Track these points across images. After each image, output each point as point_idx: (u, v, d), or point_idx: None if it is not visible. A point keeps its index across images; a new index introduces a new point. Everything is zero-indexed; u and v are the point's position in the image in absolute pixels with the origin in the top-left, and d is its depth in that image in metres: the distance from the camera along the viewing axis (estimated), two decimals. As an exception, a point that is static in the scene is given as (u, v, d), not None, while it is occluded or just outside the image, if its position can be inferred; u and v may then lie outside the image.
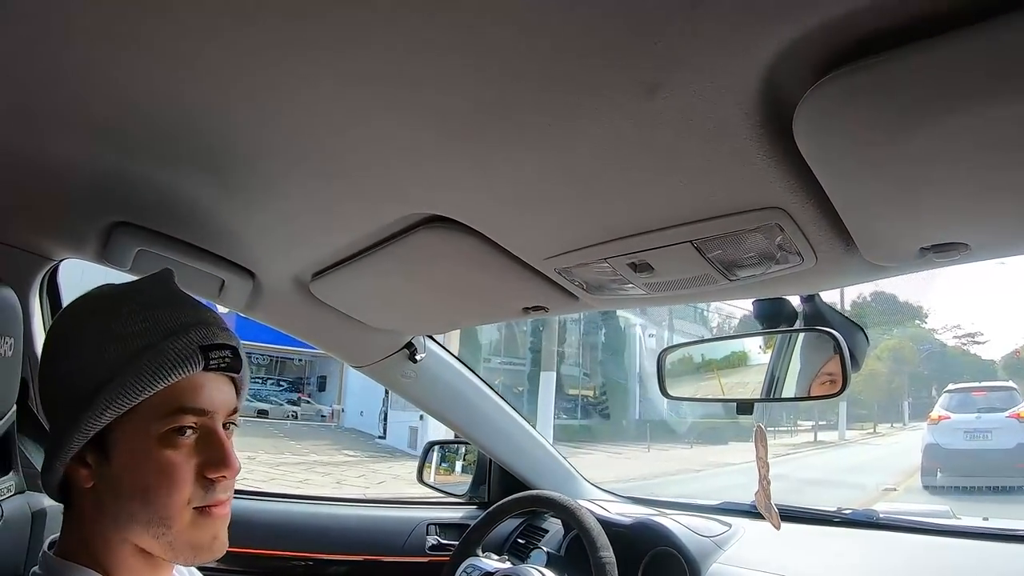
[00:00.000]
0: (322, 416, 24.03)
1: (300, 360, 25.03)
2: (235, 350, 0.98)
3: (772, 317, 1.44)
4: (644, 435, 21.88)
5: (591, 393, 25.82)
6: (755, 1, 0.59)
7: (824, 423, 27.00)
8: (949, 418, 11.99)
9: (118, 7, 0.70)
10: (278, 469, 12.30)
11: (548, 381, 15.54)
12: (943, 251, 0.95)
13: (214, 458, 0.92)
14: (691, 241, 1.02)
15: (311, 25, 0.68)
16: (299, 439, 18.44)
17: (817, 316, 1.38)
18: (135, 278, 1.04)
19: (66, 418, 0.90)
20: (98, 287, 1.01)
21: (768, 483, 1.60)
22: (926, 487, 11.28)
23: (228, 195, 1.18)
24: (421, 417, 16.41)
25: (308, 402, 25.48)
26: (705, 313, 29.10)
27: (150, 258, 1.35)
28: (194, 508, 0.91)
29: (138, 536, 0.91)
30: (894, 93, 0.64)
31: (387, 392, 19.03)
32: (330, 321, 1.74)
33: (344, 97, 0.82)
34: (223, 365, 0.95)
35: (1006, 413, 11.59)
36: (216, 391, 0.95)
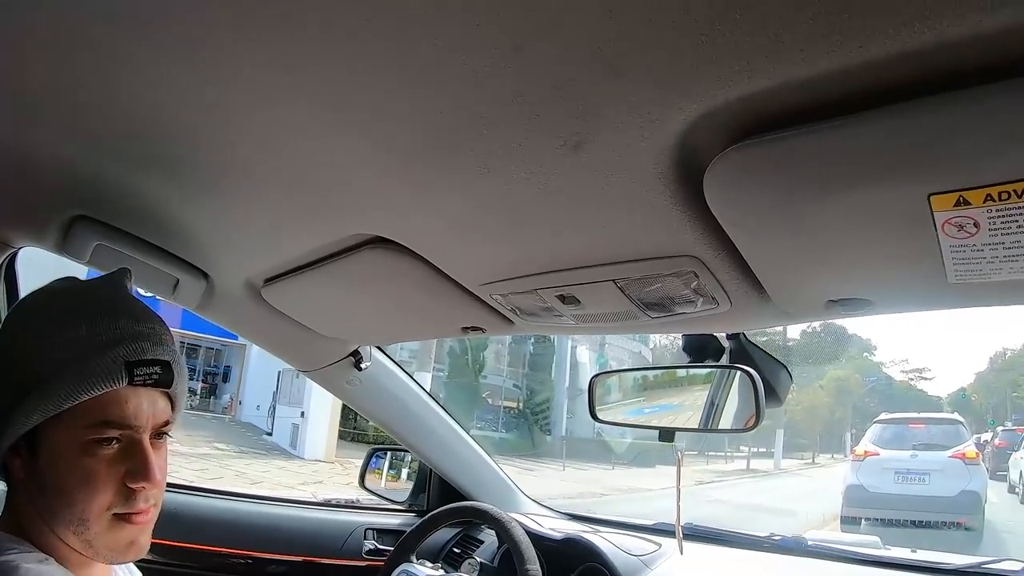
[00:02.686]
0: (223, 408, 23.18)
1: (210, 348, 23.70)
2: (167, 364, 1.00)
3: (699, 350, 1.50)
4: (568, 453, 21.57)
5: (515, 405, 25.26)
6: (671, 76, 0.65)
7: (762, 450, 27.02)
8: (878, 455, 10.22)
9: (95, 20, 0.75)
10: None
11: (421, 381, 15.44)
12: (848, 305, 1.02)
13: (135, 469, 0.94)
14: (613, 280, 1.08)
15: (273, 45, 0.72)
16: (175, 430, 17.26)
17: (741, 352, 1.45)
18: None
19: (1, 410, 0.94)
20: (59, 281, 1.05)
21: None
22: (846, 528, 9.45)
23: (188, 198, 1.20)
24: (302, 414, 16.24)
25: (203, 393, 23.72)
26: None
27: (108, 253, 1.37)
28: (114, 514, 0.94)
29: (60, 532, 0.94)
30: (795, 167, 0.70)
31: (277, 386, 18.31)
32: (279, 326, 1.77)
33: (300, 116, 0.86)
34: (150, 381, 0.97)
35: (948, 452, 9.84)
36: (143, 405, 0.97)
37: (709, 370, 1.55)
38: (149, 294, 1.55)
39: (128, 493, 0.94)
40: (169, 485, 1.04)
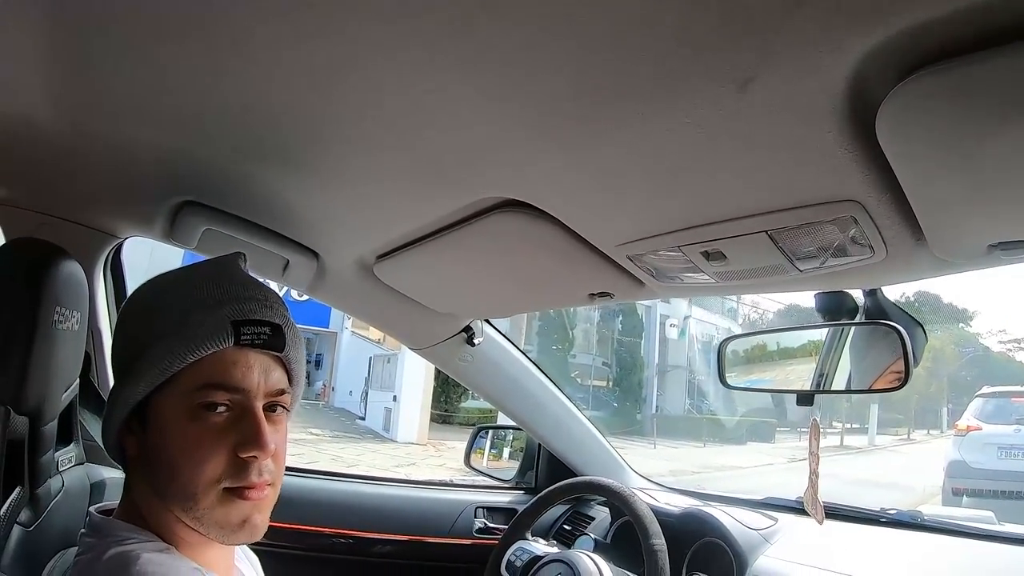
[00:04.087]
0: (316, 395, 23.76)
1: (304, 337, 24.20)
2: (277, 328, 0.96)
3: (834, 310, 1.43)
4: (658, 430, 21.50)
5: (605, 383, 25.15)
6: (850, 2, 0.60)
7: (855, 426, 26.35)
8: (980, 429, 9.68)
9: (201, 4, 0.73)
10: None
11: None
12: (1011, 248, 0.96)
13: (246, 437, 0.91)
14: (766, 231, 1.03)
15: (388, 3, 0.69)
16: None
17: (879, 310, 1.38)
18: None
19: (114, 387, 0.94)
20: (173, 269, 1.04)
21: (817, 477, 1.61)
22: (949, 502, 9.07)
23: (297, 177, 1.20)
24: (394, 398, 16.56)
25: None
26: (735, 306, 28.56)
27: (217, 237, 1.38)
28: (224, 488, 0.90)
29: (173, 509, 0.91)
30: (975, 95, 0.65)
31: (369, 371, 18.76)
32: (391, 303, 1.76)
33: (424, 80, 0.82)
34: (258, 342, 0.94)
35: None
36: (253, 369, 0.94)
37: (844, 329, 1.48)
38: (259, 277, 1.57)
39: (239, 464, 0.91)
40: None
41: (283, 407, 0.99)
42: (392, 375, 17.12)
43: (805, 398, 1.50)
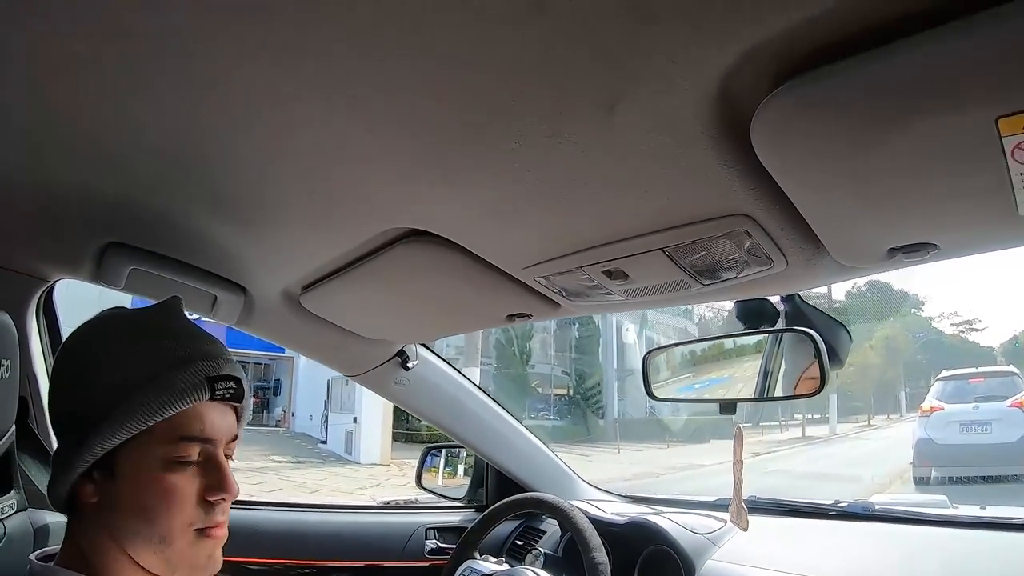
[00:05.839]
0: (276, 421, 23.80)
1: (259, 363, 24.18)
2: (239, 381, 1.01)
3: (754, 316, 1.45)
4: (621, 434, 21.67)
5: (566, 392, 25.38)
6: (705, 16, 0.60)
7: (817, 416, 26.77)
8: (943, 409, 10.60)
9: (117, 45, 0.73)
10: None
11: (470, 376, 16.10)
12: (912, 251, 0.96)
13: (215, 482, 0.95)
14: (662, 249, 1.04)
15: (289, 42, 0.70)
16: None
17: (798, 315, 1.39)
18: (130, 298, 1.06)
19: (76, 438, 0.92)
20: (108, 311, 1.04)
21: (741, 484, 1.62)
22: (919, 487, 9.83)
23: (218, 213, 1.19)
24: (354, 420, 16.39)
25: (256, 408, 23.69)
26: (690, 307, 28.73)
27: (143, 277, 1.36)
28: (195, 530, 0.94)
29: (138, 553, 0.92)
30: (849, 102, 0.65)
31: (328, 395, 18.63)
32: (321, 332, 1.76)
33: (325, 118, 0.84)
34: (228, 395, 0.99)
35: (1007, 402, 10.23)
36: (219, 420, 0.98)
37: (767, 336, 1.49)
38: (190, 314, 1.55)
39: (207, 507, 0.95)
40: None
41: (231, 450, 1.04)
42: (351, 396, 16.91)
43: (728, 407, 1.51)
